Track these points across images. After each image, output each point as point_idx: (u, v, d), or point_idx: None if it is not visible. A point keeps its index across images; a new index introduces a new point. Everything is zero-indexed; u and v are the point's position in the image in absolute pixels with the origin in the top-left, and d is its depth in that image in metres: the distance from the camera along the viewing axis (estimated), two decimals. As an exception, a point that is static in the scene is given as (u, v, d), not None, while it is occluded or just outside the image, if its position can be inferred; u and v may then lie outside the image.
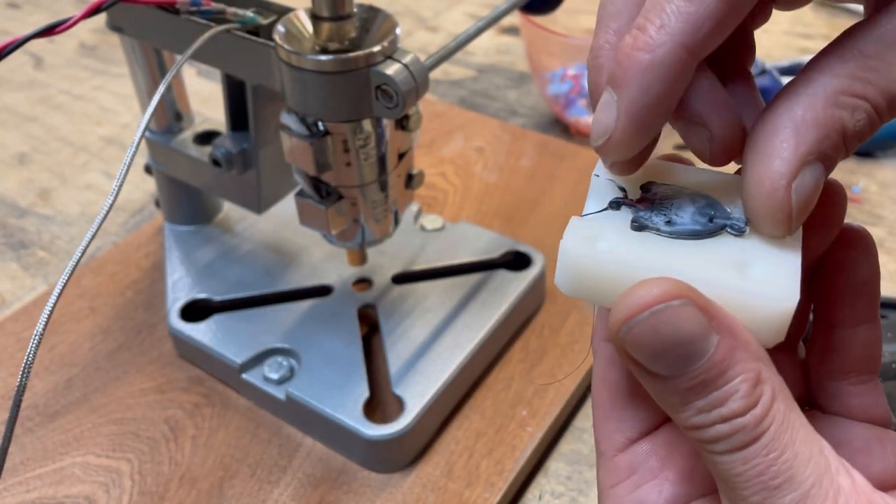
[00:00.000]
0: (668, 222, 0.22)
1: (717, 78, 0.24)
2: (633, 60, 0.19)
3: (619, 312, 0.19)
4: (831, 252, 0.24)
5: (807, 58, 0.83)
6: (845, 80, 0.19)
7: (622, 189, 0.24)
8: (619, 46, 0.20)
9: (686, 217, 0.22)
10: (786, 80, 0.71)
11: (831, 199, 0.23)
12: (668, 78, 0.19)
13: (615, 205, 0.23)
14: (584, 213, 0.23)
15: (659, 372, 0.19)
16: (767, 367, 0.19)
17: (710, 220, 0.22)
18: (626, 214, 0.23)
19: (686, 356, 0.19)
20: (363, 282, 0.50)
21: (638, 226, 0.22)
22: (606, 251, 0.21)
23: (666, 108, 0.20)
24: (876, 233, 0.59)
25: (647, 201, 0.23)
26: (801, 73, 0.21)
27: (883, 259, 0.56)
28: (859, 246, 0.24)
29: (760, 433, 0.19)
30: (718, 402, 0.19)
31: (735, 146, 0.24)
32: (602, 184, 0.24)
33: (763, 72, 0.72)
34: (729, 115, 0.22)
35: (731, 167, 0.23)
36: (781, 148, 0.20)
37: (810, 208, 0.20)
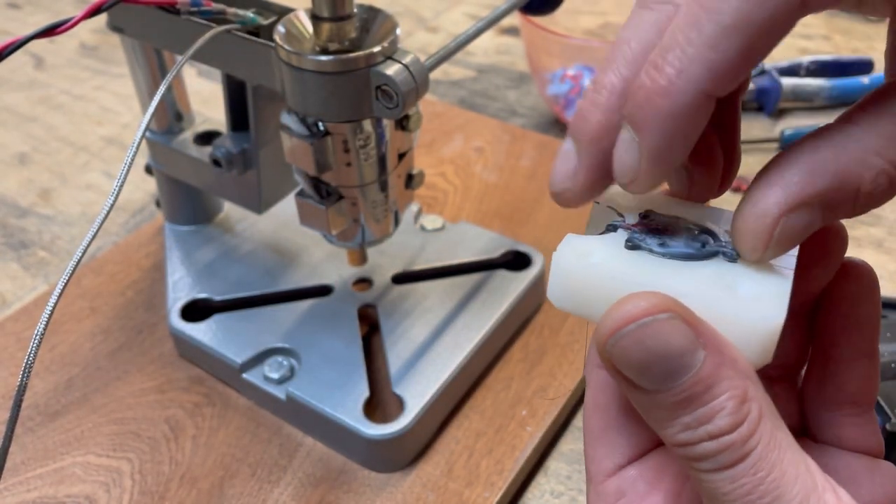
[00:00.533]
0: (662, 244, 0.22)
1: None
2: (653, 106, 0.19)
3: (607, 325, 0.19)
4: (833, 285, 0.24)
5: (806, 58, 0.83)
6: (881, 141, 0.19)
7: (621, 216, 0.24)
8: (639, 87, 0.19)
9: (680, 242, 0.23)
10: (785, 80, 0.71)
11: (832, 237, 0.23)
12: (689, 123, 0.19)
13: (612, 227, 0.23)
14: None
15: (646, 386, 0.19)
16: (755, 385, 0.19)
17: (704, 246, 0.22)
18: (621, 235, 0.23)
19: (672, 370, 0.19)
20: (363, 282, 0.50)
21: (632, 245, 0.22)
22: (598, 264, 0.22)
23: (688, 145, 0.20)
24: (876, 233, 0.59)
25: (643, 225, 0.23)
26: (840, 119, 0.20)
27: (883, 259, 0.56)
28: (861, 280, 0.24)
29: (748, 452, 0.19)
30: (705, 418, 0.19)
31: (712, 193, 0.24)
32: (602, 210, 0.24)
33: (762, 72, 0.72)
34: (713, 166, 0.22)
35: (726, 201, 0.23)
36: (792, 182, 0.20)
37: (791, 246, 0.20)
